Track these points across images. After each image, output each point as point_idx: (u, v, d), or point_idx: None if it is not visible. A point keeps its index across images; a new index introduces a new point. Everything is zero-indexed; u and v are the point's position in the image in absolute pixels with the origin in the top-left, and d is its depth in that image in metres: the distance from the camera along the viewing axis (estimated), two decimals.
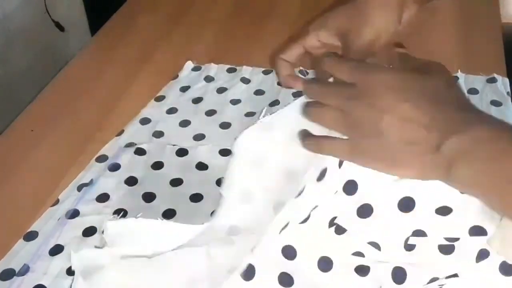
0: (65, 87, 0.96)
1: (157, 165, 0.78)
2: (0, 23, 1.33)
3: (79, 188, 0.75)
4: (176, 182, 0.76)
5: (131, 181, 0.76)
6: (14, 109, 0.94)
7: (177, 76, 0.94)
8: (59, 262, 0.66)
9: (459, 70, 0.90)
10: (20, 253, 0.67)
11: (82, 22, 1.60)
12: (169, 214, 0.71)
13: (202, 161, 0.78)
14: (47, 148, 0.83)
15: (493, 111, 0.83)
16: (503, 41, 0.99)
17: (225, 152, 0.79)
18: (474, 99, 0.85)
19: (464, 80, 0.89)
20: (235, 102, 0.89)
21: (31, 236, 0.69)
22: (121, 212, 0.70)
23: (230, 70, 0.95)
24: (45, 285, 0.64)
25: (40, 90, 0.95)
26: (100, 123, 0.86)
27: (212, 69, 0.96)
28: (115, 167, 0.78)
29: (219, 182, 0.74)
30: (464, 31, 1.02)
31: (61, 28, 1.51)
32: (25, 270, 0.65)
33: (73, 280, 0.60)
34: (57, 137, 0.85)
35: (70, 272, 0.63)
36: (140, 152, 0.80)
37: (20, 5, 1.38)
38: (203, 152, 0.79)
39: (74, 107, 0.90)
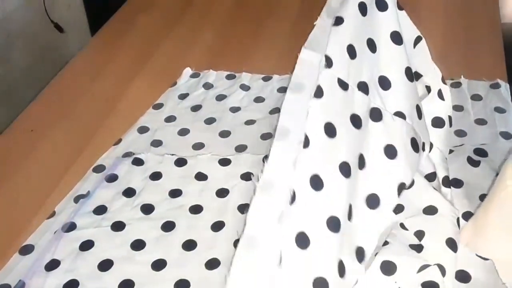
0: (65, 87, 0.96)
1: (156, 176, 0.77)
2: (0, 24, 1.33)
3: (76, 200, 0.74)
4: (175, 193, 0.74)
5: (129, 192, 0.75)
6: (14, 109, 0.94)
7: (176, 83, 0.93)
8: (55, 278, 0.64)
9: (462, 76, 0.89)
10: (16, 268, 0.66)
11: (82, 22, 1.60)
12: (168, 226, 0.70)
13: (202, 171, 0.77)
14: (47, 148, 0.83)
15: (497, 118, 0.82)
16: (503, 41, 0.99)
17: (225, 162, 0.78)
18: (477, 106, 0.84)
19: (467, 86, 0.88)
20: (234, 109, 0.87)
21: (26, 250, 0.68)
22: None
23: (229, 77, 0.94)
24: None
25: (40, 90, 0.95)
26: (100, 123, 0.86)
27: (211, 76, 0.95)
28: (112, 178, 0.76)
29: (219, 193, 0.74)
30: (463, 31, 1.02)
31: (60, 29, 1.51)
32: (20, 286, 0.64)
33: None
34: (57, 137, 0.85)
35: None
36: (137, 162, 0.79)
37: (20, 5, 1.38)
38: (202, 162, 0.78)
39: (74, 107, 0.90)
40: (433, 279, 0.60)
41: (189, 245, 0.68)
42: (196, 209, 0.72)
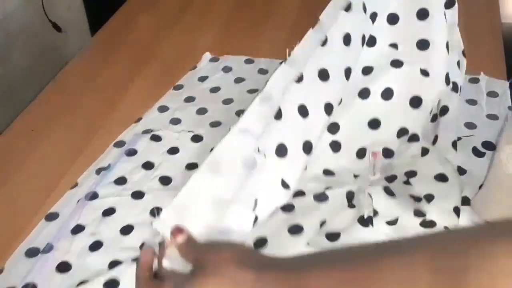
0: (65, 87, 0.96)
1: (173, 151, 0.81)
2: (0, 24, 1.33)
3: (98, 172, 0.78)
4: (192, 166, 0.78)
5: (148, 165, 0.79)
6: (14, 109, 0.94)
7: (195, 66, 0.97)
8: (81, 240, 0.69)
9: (481, 73, 0.90)
10: (43, 232, 0.70)
11: (82, 22, 1.60)
12: None
13: None
14: (47, 148, 0.83)
15: (510, 116, 0.83)
16: (503, 41, 0.99)
17: None
18: (492, 102, 0.86)
19: (486, 83, 0.89)
20: (252, 91, 0.90)
21: (52, 216, 0.72)
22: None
23: (247, 61, 0.97)
24: (69, 261, 0.67)
25: (40, 90, 0.95)
26: (100, 123, 0.86)
27: (230, 60, 0.97)
28: (132, 153, 0.81)
29: None
30: (463, 31, 1.02)
31: (58, 28, 1.51)
32: (49, 248, 0.68)
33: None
34: (57, 137, 0.85)
35: (92, 248, 0.68)
36: (156, 138, 0.83)
37: (20, 5, 1.38)
38: (218, 138, 0.80)
39: (74, 107, 0.90)
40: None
41: None
42: None
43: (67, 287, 0.64)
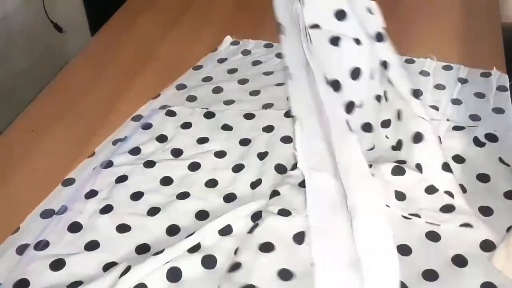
0: (65, 87, 0.96)
1: (186, 125, 0.85)
2: (0, 23, 1.33)
3: (114, 143, 0.83)
4: (203, 140, 0.83)
5: (161, 138, 0.83)
6: (14, 109, 0.93)
7: (216, 49, 1.02)
8: (93, 204, 0.73)
9: (494, 68, 0.92)
10: (59, 196, 0.75)
11: (82, 22, 1.60)
12: (194, 166, 0.79)
13: (228, 123, 0.85)
14: (47, 148, 0.83)
15: None
16: (503, 41, 0.99)
17: (250, 116, 0.87)
18: (500, 96, 0.88)
19: (497, 78, 0.91)
20: (267, 73, 0.93)
21: (68, 182, 0.77)
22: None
23: (267, 46, 1.02)
24: (81, 222, 0.71)
25: (40, 90, 0.95)
26: (100, 123, 0.86)
27: (250, 44, 1.01)
28: (147, 126, 0.85)
29: (242, 142, 0.83)
30: (463, 31, 1.03)
31: (59, 29, 1.51)
32: (63, 210, 0.73)
33: None
34: (57, 137, 0.85)
35: (103, 211, 0.72)
36: (170, 113, 0.87)
37: (20, 5, 1.38)
38: (229, 115, 0.87)
39: (74, 107, 0.90)
40: (448, 202, 0.70)
41: (211, 182, 0.76)
42: (220, 154, 0.81)
43: (76, 245, 0.68)
